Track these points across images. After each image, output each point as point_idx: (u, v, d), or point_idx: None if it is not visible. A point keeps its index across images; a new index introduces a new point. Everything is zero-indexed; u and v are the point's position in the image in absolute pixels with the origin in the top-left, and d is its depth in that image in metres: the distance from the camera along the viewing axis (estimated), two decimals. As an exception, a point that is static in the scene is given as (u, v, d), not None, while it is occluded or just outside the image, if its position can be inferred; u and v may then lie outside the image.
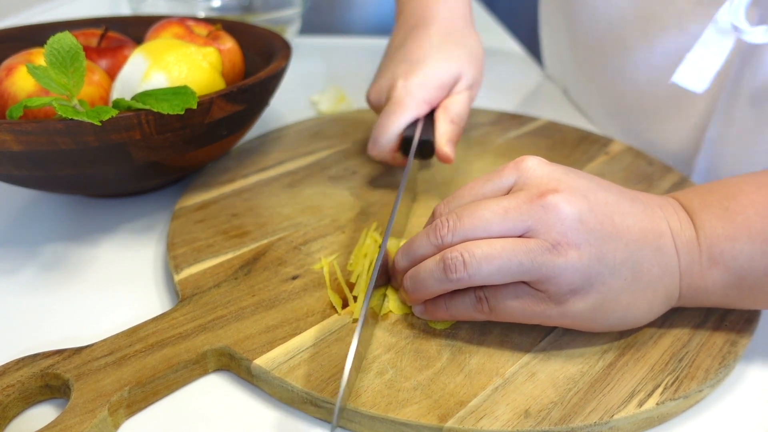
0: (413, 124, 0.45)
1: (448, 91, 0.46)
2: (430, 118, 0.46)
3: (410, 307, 0.35)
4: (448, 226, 0.31)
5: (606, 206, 0.30)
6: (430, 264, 0.31)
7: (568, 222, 0.29)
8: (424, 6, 0.49)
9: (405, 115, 0.44)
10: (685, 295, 0.32)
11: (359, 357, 0.30)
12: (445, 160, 0.44)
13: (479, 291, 0.32)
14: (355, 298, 0.35)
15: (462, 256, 0.30)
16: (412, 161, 0.42)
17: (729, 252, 0.31)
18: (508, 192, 0.32)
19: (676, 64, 0.50)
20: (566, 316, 0.31)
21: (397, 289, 0.36)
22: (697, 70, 0.45)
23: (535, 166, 0.32)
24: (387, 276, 0.36)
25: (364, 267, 0.38)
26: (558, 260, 0.29)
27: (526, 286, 0.30)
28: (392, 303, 0.35)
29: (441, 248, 0.31)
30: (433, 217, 0.35)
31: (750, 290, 0.32)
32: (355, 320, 0.34)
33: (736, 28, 0.43)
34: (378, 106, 0.48)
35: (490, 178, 0.33)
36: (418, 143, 0.44)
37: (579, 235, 0.29)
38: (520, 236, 0.30)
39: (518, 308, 0.31)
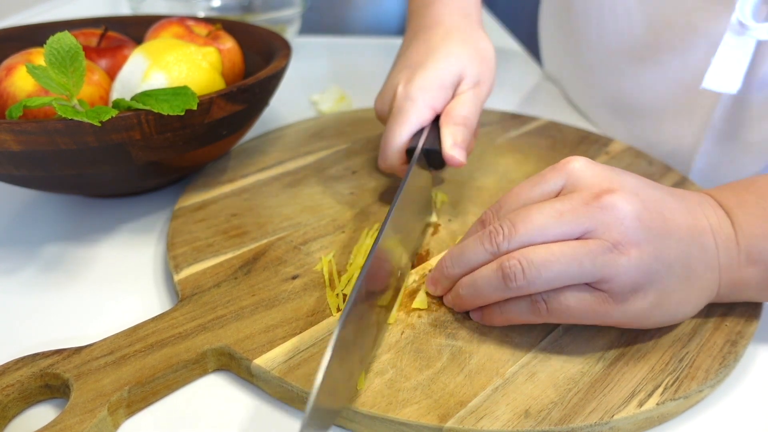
0: (420, 134, 0.43)
1: (452, 91, 0.44)
2: (437, 125, 0.43)
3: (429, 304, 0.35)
4: (503, 233, 0.31)
5: (656, 203, 0.30)
6: (486, 272, 0.31)
7: (627, 221, 0.29)
8: (427, 13, 0.48)
9: (408, 124, 0.42)
10: (723, 292, 0.33)
11: (361, 358, 0.30)
12: (453, 163, 0.41)
13: (536, 294, 0.31)
14: (345, 297, 0.35)
15: (520, 263, 0.29)
16: (411, 170, 0.39)
17: (767, 251, 0.31)
18: (557, 195, 0.32)
19: (684, 68, 0.50)
20: (627, 314, 0.30)
21: (437, 294, 0.36)
22: (726, 72, 0.45)
23: (583, 168, 0.31)
24: (387, 282, 0.34)
25: (357, 267, 0.38)
26: (620, 259, 0.29)
27: (586, 286, 0.30)
28: (417, 300, 0.36)
29: (497, 255, 0.31)
30: (480, 224, 0.34)
31: None
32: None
33: (742, 25, 0.43)
34: (383, 116, 0.46)
35: (535, 182, 0.32)
36: (426, 154, 0.41)
37: (638, 233, 0.29)
38: (577, 239, 0.30)
39: (579, 309, 0.30)
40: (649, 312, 0.31)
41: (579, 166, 0.32)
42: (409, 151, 0.42)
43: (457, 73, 0.44)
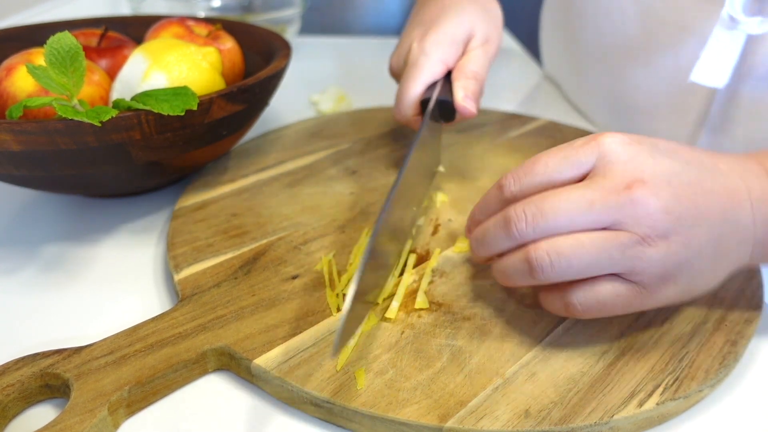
0: (433, 88, 0.45)
1: (462, 48, 0.47)
2: (449, 80, 0.46)
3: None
4: (527, 220, 0.30)
5: (690, 187, 0.30)
6: (514, 261, 0.31)
7: (656, 214, 0.28)
8: None
9: (422, 76, 0.45)
10: (756, 259, 0.32)
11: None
12: (465, 114, 0.44)
13: (569, 291, 0.31)
14: (344, 296, 0.35)
15: (549, 256, 0.29)
16: (426, 122, 0.42)
17: None
18: (586, 174, 0.31)
19: (676, 66, 0.50)
20: (659, 302, 0.31)
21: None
22: (714, 66, 0.46)
23: (618, 149, 0.30)
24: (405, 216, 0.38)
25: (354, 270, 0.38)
26: (649, 251, 0.29)
27: (618, 279, 0.30)
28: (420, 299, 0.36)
29: (521, 243, 0.30)
30: (498, 189, 0.33)
31: None
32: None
33: (732, 19, 0.44)
34: (398, 72, 0.49)
35: (566, 155, 0.31)
36: (439, 105, 0.45)
37: (667, 225, 0.29)
38: (604, 228, 0.29)
39: (614, 303, 0.30)
40: (681, 296, 0.31)
41: (613, 146, 0.30)
42: (423, 104, 0.45)
43: (468, 31, 0.47)
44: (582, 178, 0.31)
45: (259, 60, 0.52)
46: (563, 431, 0.28)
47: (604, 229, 0.29)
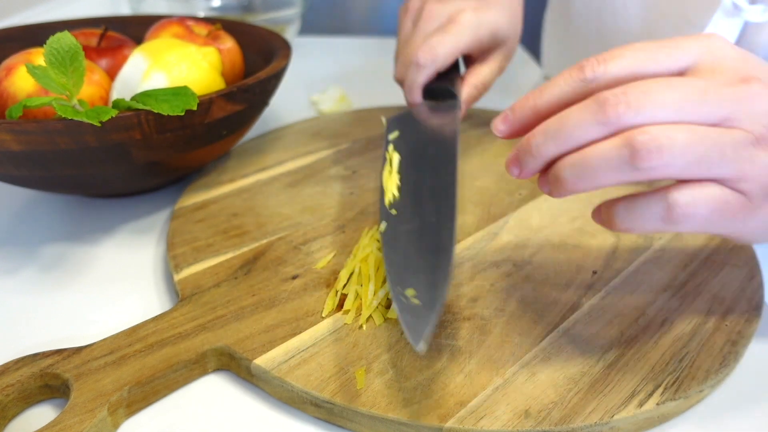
0: (445, 77, 0.47)
1: (489, 45, 0.48)
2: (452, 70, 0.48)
3: None
4: (627, 102, 0.25)
5: None
6: (605, 150, 0.25)
7: None
8: None
9: (464, 37, 0.44)
10: None
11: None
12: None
13: (672, 192, 0.26)
14: (344, 296, 0.35)
15: (659, 139, 0.24)
16: (457, 117, 0.42)
17: None
18: (684, 70, 0.26)
19: None
20: (760, 224, 0.27)
21: (522, 178, 0.30)
22: None
23: (725, 46, 0.27)
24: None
25: (355, 263, 0.38)
26: (762, 155, 0.25)
27: (722, 186, 0.25)
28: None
29: (617, 130, 0.25)
30: (578, 71, 0.27)
31: None
32: (346, 324, 0.34)
33: (736, 7, 0.44)
34: (405, 26, 0.49)
35: (665, 45, 0.26)
36: (439, 90, 0.46)
37: None
38: (713, 124, 0.25)
39: (719, 210, 0.26)
40: None
41: (720, 43, 0.27)
42: (428, 91, 0.46)
43: (504, 36, 0.48)
44: (679, 75, 0.26)
45: (259, 60, 0.53)
46: (563, 431, 0.28)
47: (713, 125, 0.25)
